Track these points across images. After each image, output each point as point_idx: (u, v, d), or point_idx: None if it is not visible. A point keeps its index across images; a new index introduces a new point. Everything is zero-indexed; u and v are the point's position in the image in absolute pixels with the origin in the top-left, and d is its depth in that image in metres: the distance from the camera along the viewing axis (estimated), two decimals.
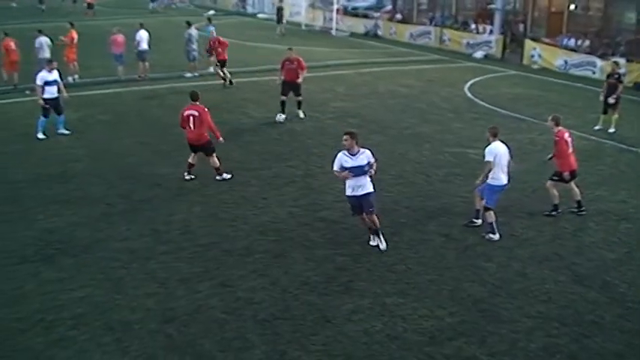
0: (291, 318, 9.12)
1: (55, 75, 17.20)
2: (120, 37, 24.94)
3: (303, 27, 41.68)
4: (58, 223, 12.04)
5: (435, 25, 36.41)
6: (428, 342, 8.65)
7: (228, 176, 14.39)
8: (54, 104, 17.19)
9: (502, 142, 11.60)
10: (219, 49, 23.90)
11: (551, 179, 12.62)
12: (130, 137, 17.54)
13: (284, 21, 39.51)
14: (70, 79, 23.67)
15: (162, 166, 15.31)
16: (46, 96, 17.00)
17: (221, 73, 24.08)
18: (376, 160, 10.90)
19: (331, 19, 40.68)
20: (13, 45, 22.94)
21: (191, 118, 13.92)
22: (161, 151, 16.40)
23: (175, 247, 11.21)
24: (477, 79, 26.37)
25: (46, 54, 23.10)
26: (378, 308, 9.39)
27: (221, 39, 24.51)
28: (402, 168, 15.33)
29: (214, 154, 14.28)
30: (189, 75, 25.44)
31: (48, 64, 17.52)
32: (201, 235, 11.65)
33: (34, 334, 8.64)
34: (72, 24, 25.34)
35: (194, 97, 14.22)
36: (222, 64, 24.08)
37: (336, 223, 12.20)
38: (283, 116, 19.20)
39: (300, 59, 19.17)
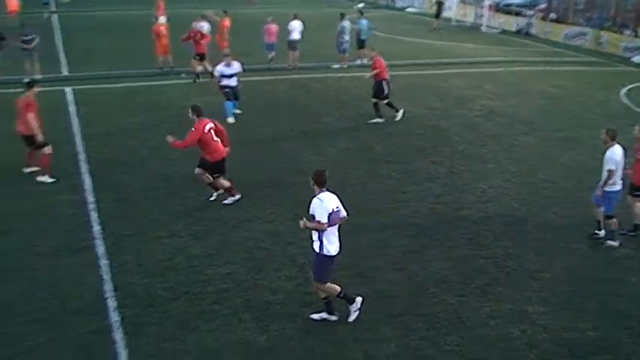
0: (426, 315, 9.04)
1: (233, 69, 17.79)
2: (273, 27, 25.65)
3: (454, 22, 40.97)
4: (208, 202, 12.58)
5: (592, 27, 34.59)
6: (567, 354, 8.31)
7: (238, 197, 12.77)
8: (232, 91, 17.93)
9: (620, 145, 10.96)
10: (201, 42, 23.02)
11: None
12: (280, 124, 18.02)
13: (442, 16, 39.00)
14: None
15: (308, 153, 15.63)
16: (224, 83, 17.80)
17: (198, 67, 23.21)
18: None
19: (482, 16, 39.73)
20: (163, 30, 24.22)
21: (212, 131, 12.12)
22: (308, 139, 16.73)
23: None
24: (636, 84, 24.81)
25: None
26: (517, 315, 9.10)
27: (203, 32, 23.55)
28: (551, 172, 14.73)
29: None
30: (336, 66, 25.74)
31: (225, 57, 18.23)
32: (343, 224, 11.73)
33: (180, 304, 9.12)
34: (225, 12, 26.31)
35: (200, 112, 12.19)
36: (202, 57, 23.23)
37: (478, 224, 11.94)
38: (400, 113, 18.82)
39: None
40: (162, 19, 25.17)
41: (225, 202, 12.51)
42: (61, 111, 18.33)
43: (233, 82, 17.83)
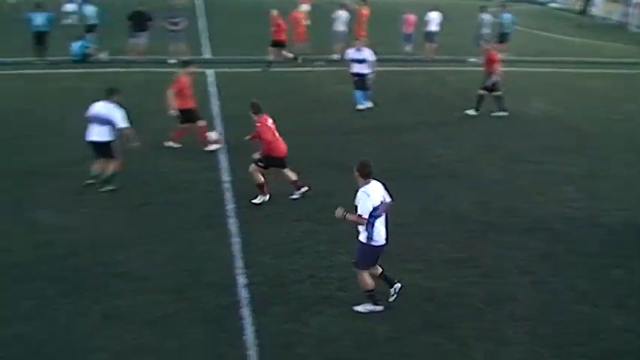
0: (554, 323, 8.73)
1: (363, 54, 17.92)
2: (411, 17, 25.48)
3: (599, 20, 39.00)
4: (336, 189, 12.71)
5: None
6: None
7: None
8: (361, 80, 18.01)
9: None
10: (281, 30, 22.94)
11: None
12: (412, 115, 17.93)
13: (589, 13, 37.28)
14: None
15: (439, 146, 15.48)
16: (354, 71, 17.98)
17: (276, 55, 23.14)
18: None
19: (628, 15, 37.46)
20: (300, 17, 24.66)
21: (273, 126, 11.99)
22: (440, 132, 16.56)
23: (442, 228, 11.29)
24: None
25: (341, 27, 24.57)
26: None
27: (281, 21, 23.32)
28: None
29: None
30: (473, 60, 25.23)
31: (356, 42, 18.42)
32: (470, 222, 11.59)
33: (305, 287, 9.31)
34: (364, 0, 26.34)
35: (258, 108, 12.05)
36: (281, 45, 23.16)
37: (615, 234, 11.37)
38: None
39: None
40: (304, 7, 25.64)
41: (255, 201, 11.88)
42: (202, 92, 19.09)
43: (363, 69, 17.84)
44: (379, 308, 8.79)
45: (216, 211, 11.53)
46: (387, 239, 8.70)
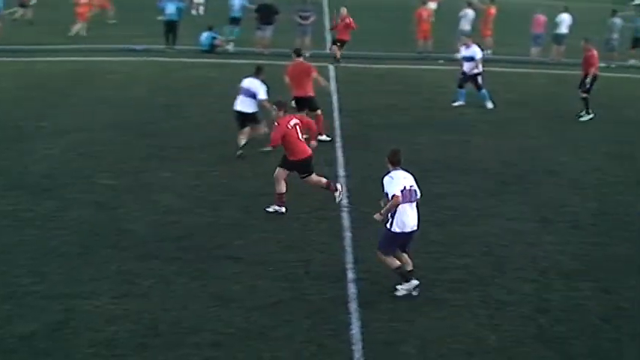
0: None
1: (471, 51, 17.81)
2: (542, 18, 24.70)
3: None
4: (450, 190, 12.55)
5: None
6: None
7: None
8: (465, 77, 17.91)
9: None
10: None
11: None
12: (533, 118, 17.40)
13: None
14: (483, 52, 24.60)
15: (562, 153, 14.90)
16: (464, 69, 17.92)
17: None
18: None
19: None
20: (425, 15, 24.39)
21: (298, 127, 11.15)
22: (564, 139, 15.97)
23: (561, 239, 10.85)
24: None
25: (467, 26, 24.18)
26: None
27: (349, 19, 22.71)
28: None
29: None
30: (603, 65, 24.08)
31: (466, 39, 18.30)
32: (590, 234, 11.09)
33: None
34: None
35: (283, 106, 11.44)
36: (342, 44, 22.60)
37: None
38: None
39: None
40: (431, 5, 25.45)
41: (269, 209, 11.21)
42: (325, 86, 19.32)
43: (468, 66, 17.70)
44: (415, 282, 8.80)
45: (330, 204, 11.61)
46: (415, 229, 8.81)
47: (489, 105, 17.87)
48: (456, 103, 18.05)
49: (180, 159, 13.56)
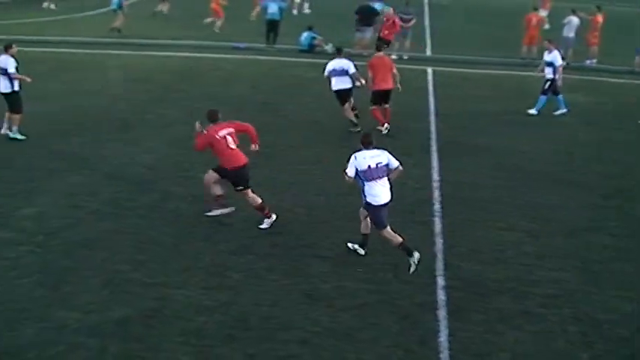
0: None
1: (552, 56, 17.37)
2: None
3: None
4: (547, 201, 12.22)
5: None
6: None
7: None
8: (550, 84, 17.47)
9: None
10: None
11: None
12: (625, 129, 16.83)
13: None
14: (587, 62, 23.92)
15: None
16: (549, 76, 17.46)
17: None
18: None
19: None
20: (534, 20, 23.89)
21: (229, 137, 10.44)
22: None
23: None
24: None
25: (571, 33, 23.53)
26: None
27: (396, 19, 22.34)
28: None
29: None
30: None
31: (548, 43, 17.80)
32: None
33: (505, 299, 8.96)
34: (599, 7, 24.89)
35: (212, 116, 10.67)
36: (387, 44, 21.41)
37: None
38: None
39: None
40: (542, 12, 24.93)
41: (210, 213, 10.79)
42: (422, 89, 19.24)
43: (550, 73, 17.32)
44: (417, 255, 9.41)
45: (422, 209, 11.53)
46: (388, 202, 9.48)
47: (533, 111, 17.44)
48: (557, 112, 17.51)
49: (278, 156, 13.72)
